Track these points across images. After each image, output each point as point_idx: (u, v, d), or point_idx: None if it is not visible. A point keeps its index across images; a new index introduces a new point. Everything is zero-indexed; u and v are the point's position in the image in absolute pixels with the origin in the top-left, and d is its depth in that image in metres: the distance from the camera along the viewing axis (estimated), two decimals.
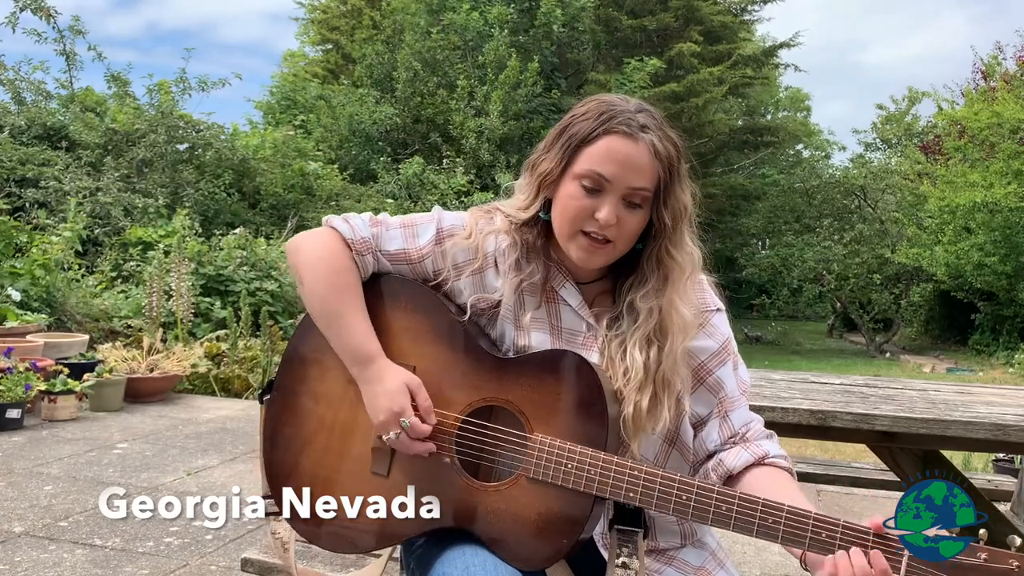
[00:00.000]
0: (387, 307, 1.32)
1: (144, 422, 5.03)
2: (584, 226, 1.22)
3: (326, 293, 1.29)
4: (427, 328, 1.30)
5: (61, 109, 12.01)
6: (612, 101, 1.24)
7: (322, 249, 1.30)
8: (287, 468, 1.31)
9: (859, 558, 1.05)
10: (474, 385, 1.25)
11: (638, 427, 1.21)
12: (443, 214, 1.35)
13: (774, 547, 3.19)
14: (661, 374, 1.23)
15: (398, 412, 1.22)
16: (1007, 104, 14.77)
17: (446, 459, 1.23)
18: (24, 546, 2.91)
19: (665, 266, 1.26)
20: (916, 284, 19.47)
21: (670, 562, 1.31)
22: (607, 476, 1.15)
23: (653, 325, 1.24)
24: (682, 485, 1.14)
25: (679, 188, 1.24)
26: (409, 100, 17.35)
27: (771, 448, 1.29)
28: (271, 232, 10.57)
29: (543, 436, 1.19)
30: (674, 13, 19.44)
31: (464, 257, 1.31)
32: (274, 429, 1.34)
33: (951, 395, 2.31)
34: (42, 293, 6.45)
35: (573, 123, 1.24)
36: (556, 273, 1.31)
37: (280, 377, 1.36)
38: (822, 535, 1.08)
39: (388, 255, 1.33)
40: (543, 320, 1.31)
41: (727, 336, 1.33)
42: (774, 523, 1.10)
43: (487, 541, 1.19)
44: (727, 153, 23.45)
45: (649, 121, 1.22)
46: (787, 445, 1.41)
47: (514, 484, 1.19)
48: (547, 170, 1.24)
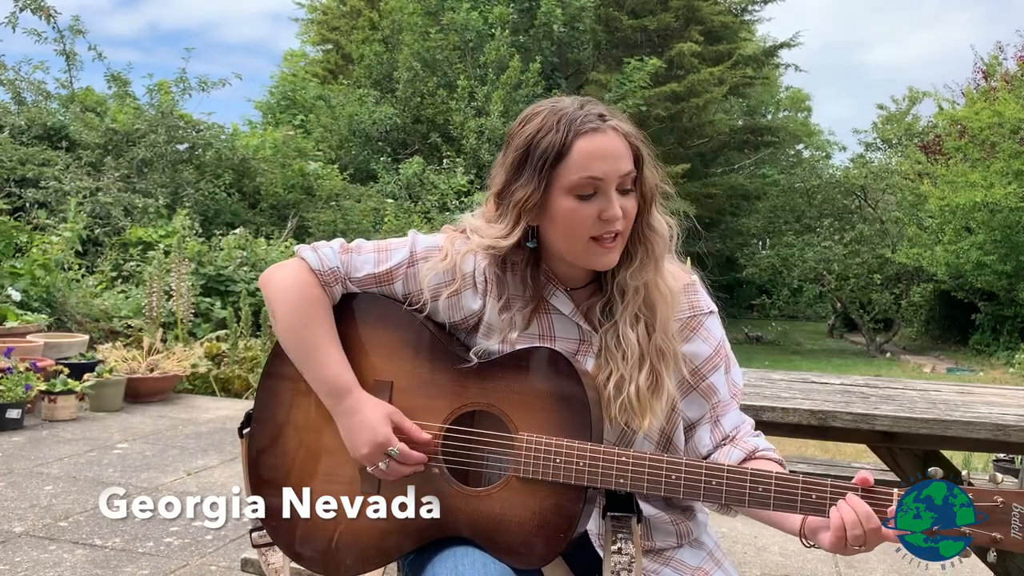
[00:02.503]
0: (360, 325, 1.31)
1: (144, 422, 5.03)
2: (593, 232, 1.21)
3: (297, 328, 1.27)
4: (402, 342, 1.29)
5: (61, 109, 12.01)
6: (557, 107, 1.23)
7: (291, 281, 1.29)
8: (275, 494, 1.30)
9: (859, 503, 1.08)
10: (455, 392, 1.24)
11: (644, 406, 1.22)
12: (418, 237, 1.34)
13: (774, 547, 3.19)
14: (655, 346, 1.25)
15: (382, 443, 1.21)
16: (1007, 104, 14.77)
17: (435, 469, 1.23)
18: (24, 546, 2.91)
19: (648, 240, 1.27)
20: (916, 284, 19.47)
21: (667, 563, 1.31)
22: (596, 465, 1.16)
23: (640, 301, 1.26)
24: (670, 465, 1.15)
25: (649, 162, 1.26)
26: (409, 100, 17.35)
27: (760, 443, 1.31)
28: (271, 232, 10.58)
29: (529, 434, 1.19)
30: (674, 13, 19.43)
31: (440, 280, 1.29)
32: (259, 457, 1.32)
33: (951, 395, 2.31)
34: (42, 293, 6.45)
35: (535, 142, 1.21)
36: (546, 283, 1.31)
37: (258, 406, 1.34)
38: (812, 496, 1.11)
39: (357, 281, 1.31)
40: (534, 336, 1.29)
41: (720, 339, 1.34)
42: (764, 491, 1.12)
43: (485, 545, 1.19)
44: (727, 153, 23.45)
45: (602, 109, 1.23)
46: (787, 445, 1.42)
47: (505, 486, 1.20)
48: (525, 196, 1.21)
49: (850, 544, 1.08)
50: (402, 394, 1.26)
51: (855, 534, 1.07)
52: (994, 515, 1.04)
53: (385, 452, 1.21)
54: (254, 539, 1.31)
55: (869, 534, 1.07)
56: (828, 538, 1.10)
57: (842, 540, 1.08)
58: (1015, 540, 1.03)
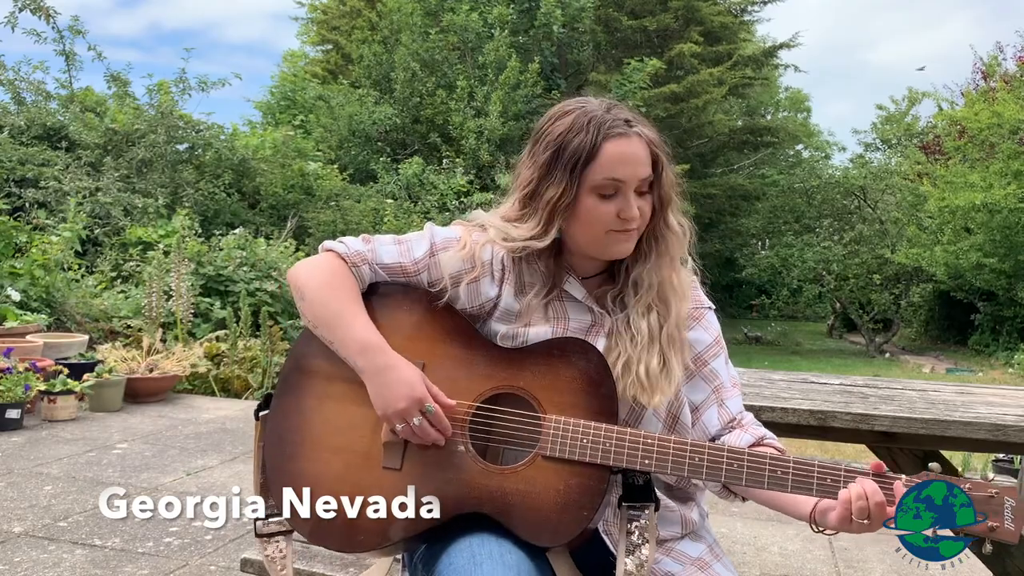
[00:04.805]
0: (390, 312, 1.35)
1: (144, 422, 5.03)
2: (611, 227, 1.29)
3: (326, 298, 1.31)
4: (432, 327, 1.33)
5: (61, 109, 12.01)
6: (586, 108, 1.30)
7: (320, 266, 1.34)
8: (292, 475, 1.29)
9: (867, 480, 1.13)
10: (485, 375, 1.29)
11: (654, 385, 1.28)
12: (435, 229, 1.40)
13: (773, 547, 3.19)
14: (666, 334, 1.32)
15: (419, 398, 1.23)
16: (1007, 104, 14.79)
17: (460, 447, 1.25)
18: (24, 546, 2.91)
19: (664, 239, 1.34)
20: (916, 284, 19.49)
21: (668, 552, 1.34)
22: (622, 446, 1.21)
23: (654, 295, 1.33)
24: (694, 448, 1.21)
25: (668, 166, 1.33)
26: (408, 100, 17.36)
27: (765, 431, 1.37)
28: (271, 232, 10.57)
29: (557, 416, 1.23)
30: (674, 13, 19.43)
31: (460, 267, 1.35)
32: (279, 437, 1.31)
33: (951, 395, 2.30)
34: (42, 293, 6.45)
35: (566, 142, 1.27)
36: (561, 271, 1.37)
37: (280, 388, 1.35)
38: (827, 480, 1.16)
39: (384, 267, 1.36)
40: (550, 320, 1.35)
41: (719, 331, 1.43)
42: (783, 474, 1.18)
43: (507, 523, 1.20)
44: (727, 153, 23.46)
45: (628, 115, 1.30)
46: (787, 445, 1.42)
47: (531, 464, 1.22)
48: (556, 196, 1.28)
49: (855, 518, 1.12)
50: (433, 375, 1.28)
51: (860, 505, 1.11)
52: (989, 507, 1.08)
53: (421, 408, 1.22)
54: (258, 528, 1.30)
55: (873, 509, 1.11)
56: (835, 514, 1.15)
57: (848, 513, 1.12)
58: (1008, 530, 1.08)
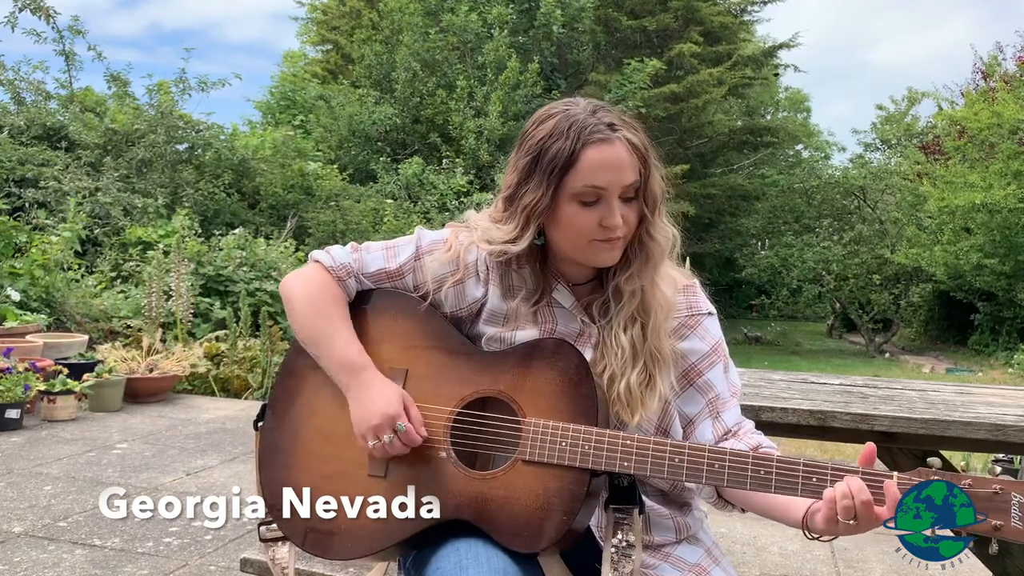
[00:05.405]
0: (376, 319, 1.37)
1: (143, 422, 5.03)
2: (594, 236, 1.25)
3: (313, 316, 1.34)
4: (417, 333, 1.35)
5: (61, 109, 12.00)
6: (570, 112, 1.25)
7: (308, 280, 1.38)
8: (286, 483, 1.31)
9: (853, 479, 1.08)
10: (467, 380, 1.29)
11: (635, 401, 1.26)
12: (424, 233, 1.41)
13: (773, 547, 3.19)
14: (648, 348, 1.28)
15: (393, 415, 1.24)
16: (1007, 104, 14.79)
17: (442, 453, 1.25)
18: (23, 546, 2.91)
19: (647, 248, 1.30)
20: (915, 284, 19.49)
21: (666, 558, 1.32)
22: (600, 448, 1.19)
23: (636, 304, 1.29)
24: (674, 448, 1.18)
25: (655, 172, 1.28)
26: (408, 100, 17.36)
27: (763, 440, 1.33)
28: (271, 232, 10.56)
29: (536, 419, 1.22)
30: (674, 14, 19.42)
31: (444, 270, 1.35)
32: (273, 445, 1.35)
33: (950, 395, 2.30)
34: (41, 293, 6.44)
35: (545, 147, 1.24)
36: (549, 278, 1.35)
37: (273, 398, 1.39)
38: (813, 479, 1.11)
39: (369, 276, 1.39)
40: (539, 325, 1.34)
41: (718, 339, 1.37)
42: (766, 474, 1.13)
43: (487, 529, 1.20)
44: (727, 153, 23.45)
45: (612, 118, 1.25)
46: (787, 445, 1.43)
47: (511, 469, 1.22)
48: (534, 201, 1.25)
49: (841, 517, 1.07)
50: (416, 381, 1.30)
51: (845, 504, 1.07)
52: (993, 504, 1.03)
53: (393, 427, 1.24)
54: (262, 533, 1.32)
55: (860, 508, 1.06)
56: (820, 515, 1.11)
57: (833, 512, 1.08)
58: (1016, 529, 1.03)
